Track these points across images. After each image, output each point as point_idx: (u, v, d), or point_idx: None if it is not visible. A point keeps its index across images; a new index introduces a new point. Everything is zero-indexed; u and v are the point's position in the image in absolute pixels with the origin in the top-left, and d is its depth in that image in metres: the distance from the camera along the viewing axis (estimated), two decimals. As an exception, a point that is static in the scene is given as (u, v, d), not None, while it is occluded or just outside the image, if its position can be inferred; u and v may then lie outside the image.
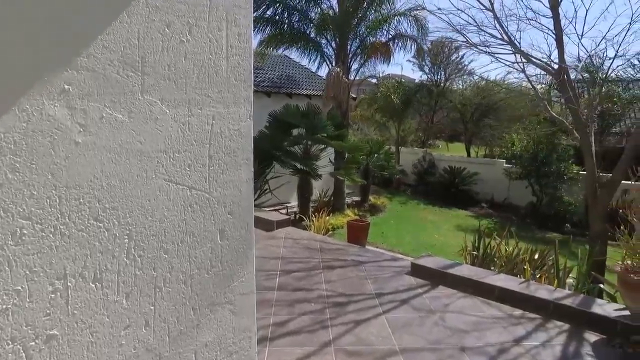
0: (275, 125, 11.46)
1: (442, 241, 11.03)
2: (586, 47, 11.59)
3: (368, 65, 14.22)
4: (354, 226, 9.31)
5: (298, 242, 5.47)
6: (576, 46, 9.88)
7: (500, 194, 16.21)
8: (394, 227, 12.27)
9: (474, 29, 6.55)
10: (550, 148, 14.04)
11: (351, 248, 5.36)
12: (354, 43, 13.09)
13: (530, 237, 12.50)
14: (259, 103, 12.65)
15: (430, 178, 17.66)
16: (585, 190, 13.90)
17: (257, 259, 4.85)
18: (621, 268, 3.26)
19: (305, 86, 14.72)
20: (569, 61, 6.65)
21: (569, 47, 8.92)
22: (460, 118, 21.60)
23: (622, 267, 3.26)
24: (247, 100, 1.81)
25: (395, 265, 4.69)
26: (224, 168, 1.72)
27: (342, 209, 12.76)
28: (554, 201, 13.98)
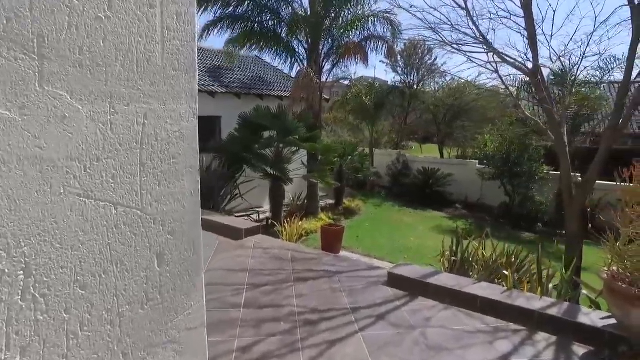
0: (246, 127, 11.08)
1: (418, 244, 10.90)
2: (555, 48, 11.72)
3: (341, 67, 14.04)
4: (328, 231, 9.04)
5: (268, 252, 5.14)
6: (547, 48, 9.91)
7: (473, 194, 16.30)
8: (369, 230, 12.07)
9: (447, 27, 6.41)
10: (522, 149, 14.19)
11: (325, 257, 5.07)
12: (327, 44, 12.85)
13: (505, 237, 12.48)
14: (229, 105, 12.24)
15: (405, 180, 17.62)
16: (561, 190, 14.17)
17: (223, 272, 4.48)
18: (608, 275, 3.09)
19: (277, 88, 14.39)
20: (540, 62, 6.58)
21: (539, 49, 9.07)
22: (433, 119, 21.70)
23: (609, 274, 3.10)
24: (191, 95, 1.49)
25: (372, 275, 4.42)
26: (161, 178, 1.40)
27: (316, 213, 12.48)
28: (526, 201, 14.13)
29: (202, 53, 14.64)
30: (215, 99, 11.91)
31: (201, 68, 13.23)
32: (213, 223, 5.92)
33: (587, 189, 5.99)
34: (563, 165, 6.01)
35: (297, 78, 11.16)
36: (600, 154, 5.81)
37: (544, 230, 13.33)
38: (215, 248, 5.18)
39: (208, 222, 5.99)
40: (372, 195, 16.96)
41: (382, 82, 25.65)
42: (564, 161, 6.00)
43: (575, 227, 6.01)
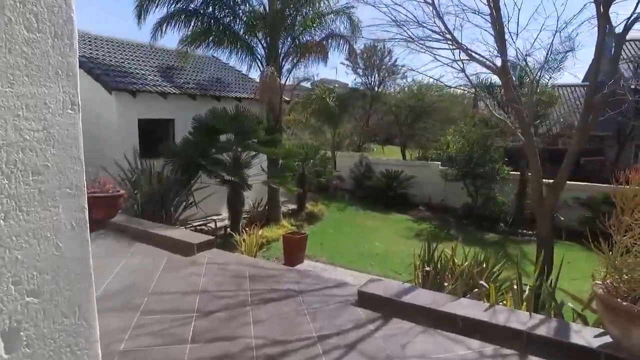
0: (201, 130, 10.38)
1: (384, 249, 10.57)
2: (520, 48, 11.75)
3: (302, 67, 13.55)
4: (290, 240, 8.53)
5: (224, 269, 4.56)
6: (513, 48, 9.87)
7: (437, 195, 16.27)
8: (333, 236, 11.65)
9: (413, 25, 6.06)
10: (484, 149, 14.25)
11: (287, 273, 4.55)
12: (286, 42, 12.34)
13: (470, 239, 12.45)
14: (183, 106, 11.48)
15: (368, 182, 17.38)
16: (522, 190, 14.41)
17: (170, 296, 3.85)
18: (603, 290, 2.77)
19: (235, 89, 13.72)
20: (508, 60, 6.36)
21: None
22: (395, 121, 21.64)
23: (604, 289, 2.78)
24: (66, 73, 0.95)
25: (340, 294, 3.95)
26: (9, 207, 0.86)
27: (278, 220, 11.92)
28: (489, 201, 14.18)
29: (155, 52, 13.77)
30: (168, 100, 11.12)
31: (153, 67, 12.38)
32: (161, 238, 5.27)
33: (557, 190, 5.80)
34: (533, 166, 5.81)
35: (263, 78, 10.57)
36: (570, 155, 5.65)
37: (507, 230, 13.41)
38: (162, 267, 4.54)
39: (155, 237, 5.34)
40: (335, 198, 16.59)
41: (343, 85, 25.53)
42: (533, 162, 5.79)
43: (546, 230, 5.81)
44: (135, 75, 10.94)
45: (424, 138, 21.07)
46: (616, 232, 2.89)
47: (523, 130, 5.90)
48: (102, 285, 3.91)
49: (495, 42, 6.00)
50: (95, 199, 5.57)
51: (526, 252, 11.58)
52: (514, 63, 6.38)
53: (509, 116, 8.65)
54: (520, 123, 5.91)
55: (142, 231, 5.53)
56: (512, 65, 6.79)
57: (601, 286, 2.84)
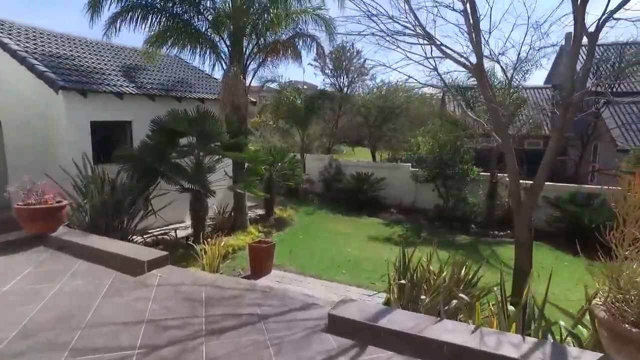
0: (160, 133, 9.69)
1: (356, 255, 10.19)
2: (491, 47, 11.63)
3: (269, 67, 13.00)
4: (256, 250, 8.00)
5: (177, 291, 4.01)
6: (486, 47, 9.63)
7: (407, 197, 16.09)
8: (303, 242, 11.17)
9: (385, 19, 5.68)
10: (454, 150, 14.14)
11: (250, 294, 4.05)
12: (252, 41, 11.78)
13: (442, 241, 12.28)
14: (142, 108, 10.74)
15: (338, 185, 17.02)
16: (492, 190, 14.40)
17: (110, 328, 3.17)
18: (607, 313, 2.43)
19: (198, 89, 13.04)
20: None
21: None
22: (364, 122, 21.41)
23: (608, 312, 2.44)
24: None
25: (308, 317, 3.49)
26: None
27: (245, 226, 11.34)
28: (460, 203, 14.08)
29: (120, 51, 12.94)
30: (125, 101, 10.35)
31: (116, 67, 11.56)
32: (107, 255, 4.66)
33: (536, 192, 5.57)
34: (510, 168, 5.55)
35: (225, 78, 9.93)
36: (548, 155, 5.41)
37: (478, 232, 13.33)
38: (104, 290, 3.95)
39: (101, 254, 4.72)
40: (305, 202, 16.12)
41: (313, 86, 25.11)
42: (511, 164, 5.53)
43: (525, 234, 5.56)
44: (89, 74, 10.12)
45: (394, 139, 20.93)
46: (618, 245, 2.57)
47: (499, 131, 5.64)
48: (25, 318, 3.30)
49: (469, 39, 5.71)
50: (28, 211, 4.89)
51: (498, 253, 11.47)
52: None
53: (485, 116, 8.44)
54: (496, 123, 5.64)
55: (86, 247, 4.90)
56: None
57: (602, 308, 2.51)
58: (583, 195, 13.40)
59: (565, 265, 10.77)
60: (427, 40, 5.53)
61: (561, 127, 5.29)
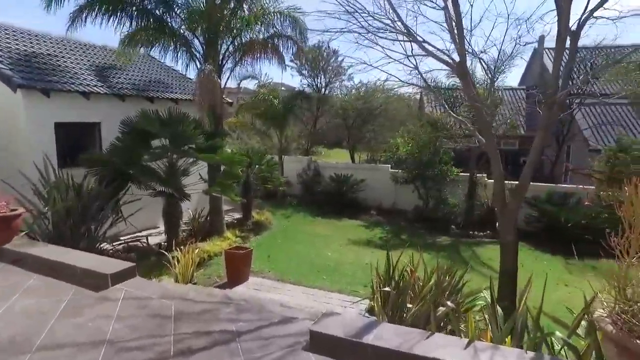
0: (131, 136, 9.25)
1: (336, 259, 9.94)
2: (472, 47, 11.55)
3: (246, 67, 12.58)
4: (233, 256, 7.66)
5: (144, 306, 3.66)
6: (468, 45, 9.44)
7: (387, 199, 15.96)
8: (281, 247, 10.85)
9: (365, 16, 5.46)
10: (433, 151, 14.09)
11: (224, 307, 3.73)
12: (227, 40, 11.39)
13: (423, 243, 12.16)
14: (111, 108, 10.25)
15: (317, 187, 16.78)
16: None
17: (64, 351, 2.39)
18: (614, 326, 2.24)
19: (171, 89, 12.57)
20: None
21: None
22: (342, 123, 21.22)
23: (615, 324, 2.25)
24: None
25: (287, 333, 3.21)
26: None
27: (221, 231, 10.94)
28: (440, 203, 14.03)
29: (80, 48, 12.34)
30: (93, 101, 9.84)
31: (76, 64, 10.99)
32: (66, 267, 4.25)
33: (521, 193, 5.43)
34: (495, 169, 5.40)
35: (199, 77, 9.50)
36: (533, 155, 5.29)
37: (458, 233, 13.29)
38: (61, 308, 3.57)
39: (60, 267, 4.31)
40: (283, 205, 15.79)
41: (291, 88, 24.81)
42: (495, 165, 5.38)
43: (510, 236, 5.41)
44: (54, 72, 9.55)
45: (373, 140, 20.82)
46: (624, 253, 2.39)
47: (483, 130, 5.48)
48: (-35, 345, 2.91)
49: (450, 37, 5.54)
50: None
51: (479, 254, 11.43)
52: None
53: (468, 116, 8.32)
54: (480, 122, 5.48)
55: (43, 260, 4.47)
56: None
57: (608, 320, 2.32)
58: (559, 194, 13.53)
59: (545, 265, 10.80)
60: (409, 37, 5.33)
61: (546, 126, 5.17)
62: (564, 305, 3.93)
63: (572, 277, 9.91)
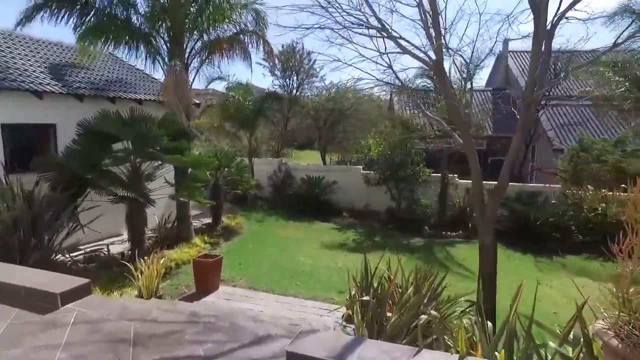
0: (89, 138, 8.66)
1: (310, 264, 9.65)
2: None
3: (214, 66, 12.07)
4: (201, 265, 7.24)
5: (97, 330, 3.25)
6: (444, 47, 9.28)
7: (360, 201, 15.81)
8: (253, 252, 10.47)
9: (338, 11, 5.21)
10: (405, 152, 14.03)
11: (191, 326, 3.37)
12: (193, 37, 10.91)
13: (397, 245, 12.04)
14: (68, 109, 9.61)
15: (288, 190, 16.45)
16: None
17: None
18: (618, 339, 2.05)
19: (134, 89, 11.96)
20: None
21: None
22: (314, 124, 20.97)
23: (618, 337, 2.06)
24: None
25: (261, 356, 2.89)
26: None
27: (190, 238, 10.46)
28: (412, 204, 13.98)
29: (32, 44, 11.55)
30: (47, 101, 9.17)
31: (26, 61, 10.26)
32: (6, 287, 3.77)
33: (500, 194, 5.32)
34: (473, 170, 5.25)
35: (167, 76, 8.96)
36: (511, 155, 5.18)
37: (431, 233, 13.26)
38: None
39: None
40: (254, 209, 15.38)
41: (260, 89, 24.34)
42: (473, 165, 5.24)
43: (489, 238, 5.28)
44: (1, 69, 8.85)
45: (345, 141, 20.67)
46: (625, 259, 2.21)
47: (461, 130, 5.33)
48: None
49: (426, 34, 5.36)
50: None
51: (453, 254, 11.41)
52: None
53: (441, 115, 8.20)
54: (457, 122, 5.33)
55: (-18, 278, 3.96)
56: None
57: (611, 334, 2.13)
58: (527, 193, 13.76)
59: (517, 264, 10.88)
60: (384, 33, 5.11)
61: (524, 125, 5.07)
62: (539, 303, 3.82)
63: (543, 275, 10.01)
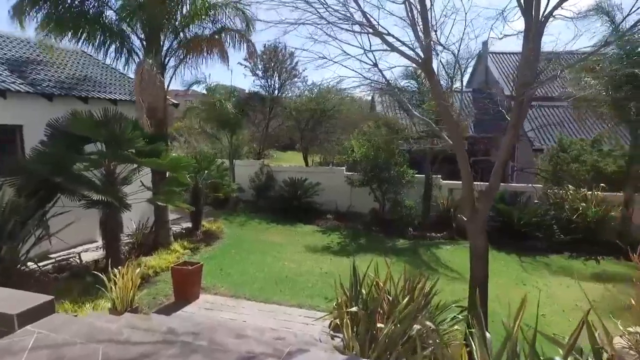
0: (59, 140, 8.20)
1: (294, 269, 9.36)
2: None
3: (192, 66, 11.63)
4: (181, 273, 6.88)
5: (61, 355, 2.89)
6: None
7: (343, 202, 15.61)
8: (235, 258, 10.12)
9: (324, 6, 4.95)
10: (389, 153, 13.88)
11: (166, 348, 3.05)
12: (170, 35, 10.49)
13: (382, 247, 11.88)
14: (37, 109, 9.09)
15: (270, 192, 16.13)
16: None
17: None
18: None
19: (109, 89, 11.47)
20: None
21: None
22: (296, 125, 20.67)
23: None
24: None
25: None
26: None
27: (168, 243, 10.05)
28: (396, 206, 13.84)
29: (9, 43, 10.98)
30: (10, 100, 8.64)
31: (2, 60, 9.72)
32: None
33: (492, 196, 5.16)
34: (463, 171, 5.07)
35: (137, 73, 8.51)
36: (503, 155, 5.02)
37: (416, 235, 13.13)
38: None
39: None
40: (236, 212, 14.99)
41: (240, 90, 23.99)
42: (463, 166, 5.06)
43: (481, 242, 5.11)
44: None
45: (327, 143, 20.45)
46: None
47: (450, 131, 5.14)
48: None
49: (413, 32, 5.16)
50: None
51: (438, 256, 11.29)
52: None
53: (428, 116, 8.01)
54: (447, 121, 5.14)
55: None
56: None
57: (634, 354, 1.93)
58: (510, 193, 13.80)
59: (502, 264, 10.83)
60: (370, 30, 4.88)
61: (516, 124, 4.91)
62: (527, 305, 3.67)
63: (529, 276, 9.98)
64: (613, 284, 9.49)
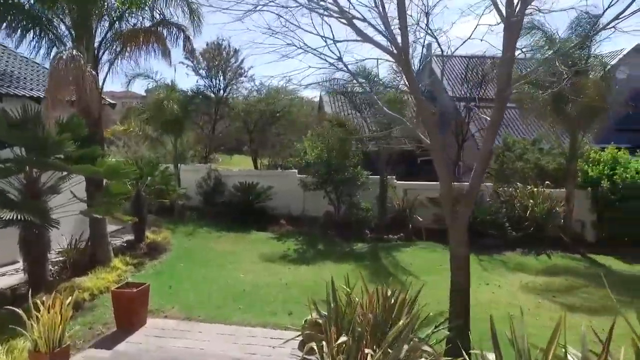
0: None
1: (251, 281, 8.63)
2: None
3: (130, 61, 10.45)
4: (123, 297, 5.96)
5: None
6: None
7: (296, 206, 15.00)
8: (185, 272, 9.19)
9: None
10: (343, 154, 13.48)
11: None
12: (104, 25, 9.36)
13: (340, 252, 11.43)
14: None
15: (219, 198, 15.17)
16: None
17: None
18: None
19: (29, 85, 10.08)
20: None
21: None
22: (244, 127, 19.77)
23: None
24: None
25: None
26: None
27: (108, 260, 8.91)
28: (352, 208, 13.47)
29: None
30: None
31: None
32: None
33: (473, 197, 4.82)
34: (441, 172, 4.69)
35: (54, 64, 7.24)
36: (483, 157, 4.69)
37: (373, 237, 12.84)
38: None
39: None
40: (183, 221, 13.89)
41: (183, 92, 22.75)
42: (441, 168, 4.68)
43: (463, 248, 4.75)
44: None
45: (277, 145, 19.77)
46: None
47: (428, 129, 4.74)
48: None
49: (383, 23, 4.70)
50: None
51: (399, 259, 11.00)
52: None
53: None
54: (424, 120, 4.74)
55: None
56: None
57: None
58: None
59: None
60: (335, 14, 4.36)
61: (496, 122, 4.60)
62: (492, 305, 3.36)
63: (489, 275, 9.94)
64: (565, 277, 9.79)
